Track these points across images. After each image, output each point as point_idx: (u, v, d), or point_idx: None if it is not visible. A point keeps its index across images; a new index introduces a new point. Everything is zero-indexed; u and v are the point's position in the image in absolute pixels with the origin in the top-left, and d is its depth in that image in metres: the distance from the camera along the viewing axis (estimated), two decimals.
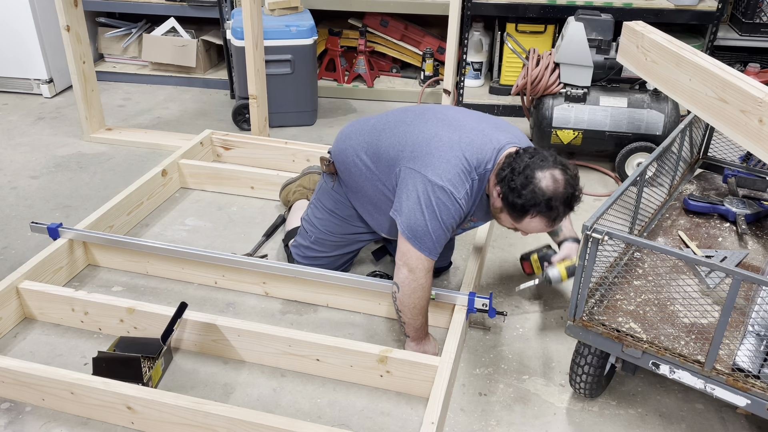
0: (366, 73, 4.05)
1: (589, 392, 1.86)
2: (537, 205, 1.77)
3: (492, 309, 2.07)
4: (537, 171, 1.77)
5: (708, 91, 1.76)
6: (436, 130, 1.92)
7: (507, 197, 1.81)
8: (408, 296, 1.91)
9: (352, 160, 2.07)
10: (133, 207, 2.67)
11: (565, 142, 3.13)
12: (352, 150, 2.07)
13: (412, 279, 1.88)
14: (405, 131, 1.96)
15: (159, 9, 4.01)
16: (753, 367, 1.53)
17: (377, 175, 2.01)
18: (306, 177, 2.67)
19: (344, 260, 2.34)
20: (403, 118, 2.03)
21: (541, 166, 1.77)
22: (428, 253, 1.86)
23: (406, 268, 1.88)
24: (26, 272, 2.16)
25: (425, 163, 1.85)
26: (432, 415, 1.68)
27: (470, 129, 1.93)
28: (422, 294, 1.91)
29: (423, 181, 1.84)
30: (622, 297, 1.80)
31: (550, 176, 1.77)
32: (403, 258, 1.89)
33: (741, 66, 3.79)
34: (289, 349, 1.96)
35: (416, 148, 1.89)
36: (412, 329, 1.98)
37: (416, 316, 1.94)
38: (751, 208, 2.18)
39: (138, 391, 1.73)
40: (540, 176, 1.76)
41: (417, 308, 1.93)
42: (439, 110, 2.04)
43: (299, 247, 2.32)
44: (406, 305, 1.93)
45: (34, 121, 3.63)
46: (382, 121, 2.08)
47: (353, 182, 2.12)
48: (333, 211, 2.23)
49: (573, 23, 3.04)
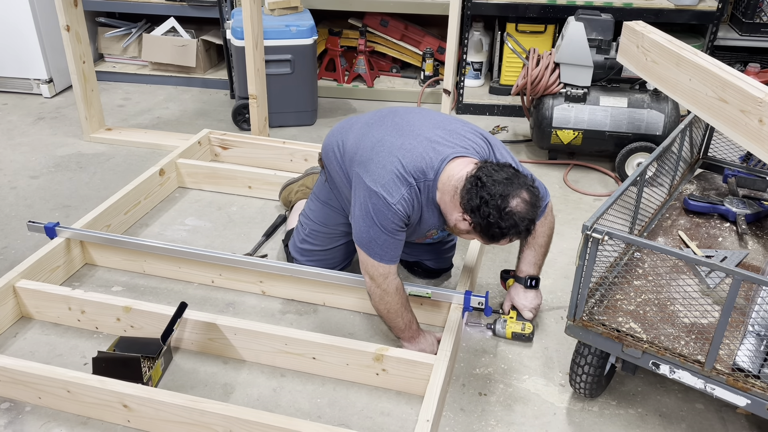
0: (366, 73, 4.04)
1: (589, 392, 1.86)
2: (515, 230, 1.74)
3: (488, 307, 2.07)
4: (510, 200, 1.71)
5: (708, 91, 1.76)
6: (383, 134, 1.91)
7: (484, 229, 1.75)
8: (377, 303, 1.95)
9: (330, 157, 2.09)
10: (131, 206, 2.67)
11: (565, 142, 3.13)
12: (330, 147, 2.09)
13: (375, 286, 1.91)
14: (363, 134, 1.97)
15: (159, 9, 4.01)
16: (753, 367, 1.53)
17: (343, 177, 2.03)
18: (309, 177, 2.67)
19: (340, 257, 2.32)
20: (369, 120, 2.03)
21: (512, 193, 1.71)
22: (379, 259, 1.87)
23: (367, 275, 1.93)
24: (23, 271, 2.16)
25: (366, 169, 1.86)
26: (427, 413, 1.69)
27: (416, 135, 1.88)
28: (390, 299, 1.92)
29: (363, 186, 1.86)
30: (622, 297, 1.80)
31: (522, 201, 1.72)
32: (363, 266, 1.93)
33: (741, 66, 3.79)
34: (286, 348, 1.96)
35: (364, 153, 1.91)
36: (398, 331, 2.00)
37: (393, 319, 1.96)
38: (751, 208, 2.18)
39: (134, 389, 1.73)
40: (515, 204, 1.71)
41: (391, 312, 1.95)
42: (402, 114, 2.00)
43: (295, 242, 2.32)
44: (380, 311, 1.97)
45: (33, 121, 3.63)
46: (356, 121, 2.09)
47: (332, 179, 2.14)
48: (326, 202, 2.23)
49: (573, 23, 3.04)
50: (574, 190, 3.05)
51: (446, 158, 1.83)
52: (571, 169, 3.24)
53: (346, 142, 2.01)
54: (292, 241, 2.34)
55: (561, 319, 2.24)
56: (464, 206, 1.76)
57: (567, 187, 3.08)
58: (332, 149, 2.07)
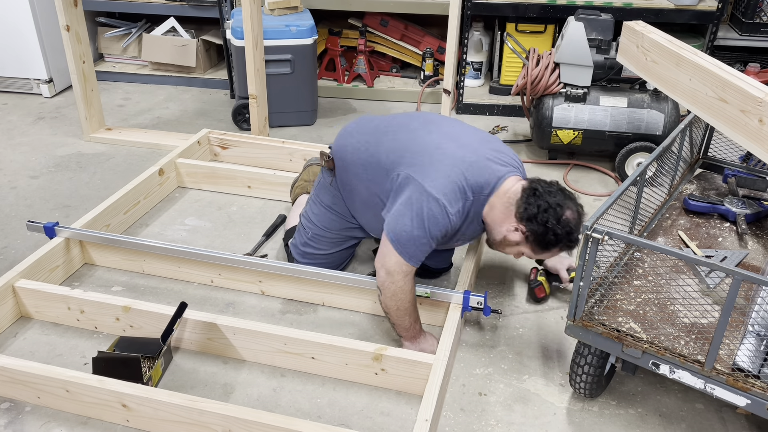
0: (366, 73, 4.04)
1: (589, 392, 1.86)
2: (568, 239, 1.85)
3: (487, 307, 2.07)
4: (565, 210, 1.84)
5: (708, 90, 1.76)
6: (440, 141, 1.96)
7: (539, 236, 1.85)
8: (389, 299, 1.94)
9: (350, 158, 2.08)
10: (130, 206, 2.67)
11: (565, 142, 3.13)
12: (352, 147, 2.08)
13: (391, 282, 1.91)
14: (408, 138, 1.99)
15: (159, 9, 4.01)
16: (753, 367, 1.53)
17: (372, 176, 2.02)
18: (306, 170, 2.67)
19: (341, 259, 2.33)
20: (407, 124, 2.06)
21: (565, 205, 1.85)
22: (408, 259, 1.89)
23: (384, 270, 1.91)
24: (22, 271, 2.16)
25: (425, 173, 1.88)
26: (426, 413, 1.68)
27: (474, 150, 1.96)
28: (403, 297, 1.93)
29: (419, 189, 1.86)
30: (622, 297, 1.80)
31: (573, 213, 1.85)
32: (381, 260, 1.92)
33: (741, 66, 3.79)
34: (285, 348, 1.96)
35: (417, 157, 1.92)
36: (402, 329, 2.00)
37: (402, 317, 1.96)
38: (751, 208, 2.18)
39: (133, 389, 1.73)
40: (569, 214, 1.84)
41: (401, 310, 1.95)
42: (443, 122, 2.09)
43: (297, 245, 2.32)
44: (389, 307, 1.96)
45: (33, 121, 3.63)
46: (385, 122, 2.10)
47: (348, 180, 2.13)
48: (330, 206, 2.23)
49: (573, 23, 3.04)
50: (574, 190, 3.05)
51: (502, 177, 1.93)
52: (571, 169, 3.24)
53: (378, 146, 2.02)
54: (294, 242, 2.34)
55: (561, 319, 2.24)
56: (521, 215, 1.85)
57: (567, 187, 3.07)
58: (354, 152, 2.07)
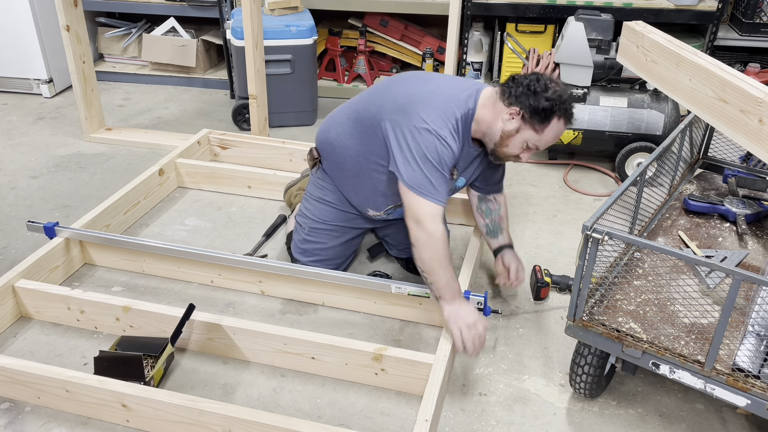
0: (366, 73, 4.05)
1: (589, 392, 1.86)
2: (562, 104, 1.88)
3: (487, 307, 2.07)
4: (544, 79, 1.89)
5: (708, 91, 1.76)
6: (413, 86, 2.00)
7: (531, 104, 1.87)
8: (422, 249, 1.88)
9: (335, 132, 2.13)
10: (130, 206, 2.67)
11: (565, 142, 3.13)
12: (336, 124, 2.14)
13: (422, 230, 1.86)
14: (384, 92, 2.05)
15: (159, 9, 4.01)
16: (753, 367, 1.53)
17: (361, 140, 2.05)
18: (306, 179, 2.67)
19: (343, 254, 2.32)
20: (380, 85, 2.12)
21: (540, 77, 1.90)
22: (431, 198, 1.86)
23: (413, 221, 1.88)
24: (22, 271, 2.16)
25: (407, 112, 1.91)
26: (426, 413, 1.68)
27: (445, 79, 2.06)
28: (436, 243, 1.86)
29: (407, 127, 1.89)
30: (622, 297, 1.80)
31: (551, 82, 1.90)
32: (409, 213, 1.90)
33: (741, 66, 3.78)
34: (285, 348, 1.96)
35: (396, 101, 1.96)
36: (440, 286, 1.90)
37: (437, 269, 1.88)
38: (751, 208, 2.18)
39: (132, 388, 1.73)
40: (550, 84, 1.89)
41: (435, 260, 1.87)
42: (419, 73, 2.17)
43: (296, 243, 2.32)
44: (424, 260, 1.89)
45: (33, 121, 3.63)
46: (357, 96, 2.17)
47: (336, 159, 2.15)
48: (321, 198, 2.24)
49: (573, 23, 3.04)
50: (574, 190, 3.05)
51: (480, 88, 1.99)
52: (571, 169, 3.24)
53: (358, 109, 2.08)
54: (294, 243, 2.34)
55: (561, 319, 2.24)
56: (509, 100, 1.90)
57: (567, 187, 3.08)
58: (339, 125, 2.12)
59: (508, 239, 2.29)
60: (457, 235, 2.66)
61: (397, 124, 1.91)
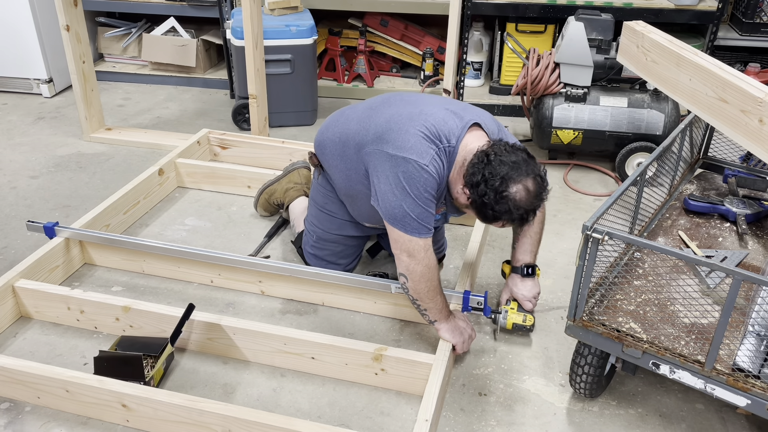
0: (366, 73, 4.04)
1: (589, 392, 1.86)
2: (508, 216, 1.74)
3: (487, 307, 2.07)
4: (511, 185, 1.70)
5: (708, 91, 1.76)
6: (396, 109, 1.91)
7: (479, 207, 1.77)
8: (419, 281, 1.86)
9: (329, 152, 2.08)
10: (130, 206, 2.67)
11: (565, 142, 3.13)
12: (329, 141, 2.07)
13: (415, 263, 1.84)
14: (369, 116, 1.95)
15: (159, 9, 4.01)
16: (753, 367, 1.53)
17: (347, 163, 2.00)
18: (294, 172, 2.66)
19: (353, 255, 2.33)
20: (371, 104, 2.02)
21: (515, 179, 1.70)
22: (416, 234, 1.81)
23: (404, 254, 1.84)
24: (22, 271, 2.16)
25: (386, 140, 1.83)
26: (426, 413, 1.68)
27: (432, 104, 1.90)
28: (431, 274, 1.86)
29: (386, 158, 1.81)
30: (622, 297, 1.80)
31: (523, 189, 1.71)
32: (396, 245, 1.86)
33: (741, 66, 3.78)
34: (285, 348, 1.96)
35: (378, 129, 1.87)
36: (436, 312, 1.91)
37: (434, 297, 1.89)
38: (751, 208, 2.17)
39: (132, 388, 1.73)
40: (514, 190, 1.70)
41: (432, 290, 1.87)
42: (406, 95, 2.03)
43: (307, 249, 2.33)
44: (420, 291, 1.87)
45: (33, 121, 3.63)
46: (352, 110, 2.07)
47: (332, 173, 2.12)
48: (323, 207, 2.23)
49: (573, 23, 3.03)
50: (574, 190, 3.05)
51: (467, 124, 1.84)
52: (571, 169, 3.24)
53: (348, 130, 1.99)
54: (304, 246, 2.35)
55: (561, 319, 2.24)
56: (466, 180, 1.77)
57: (567, 187, 3.08)
58: (330, 141, 2.06)
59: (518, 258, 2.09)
60: (458, 235, 2.66)
61: (378, 153, 1.83)
